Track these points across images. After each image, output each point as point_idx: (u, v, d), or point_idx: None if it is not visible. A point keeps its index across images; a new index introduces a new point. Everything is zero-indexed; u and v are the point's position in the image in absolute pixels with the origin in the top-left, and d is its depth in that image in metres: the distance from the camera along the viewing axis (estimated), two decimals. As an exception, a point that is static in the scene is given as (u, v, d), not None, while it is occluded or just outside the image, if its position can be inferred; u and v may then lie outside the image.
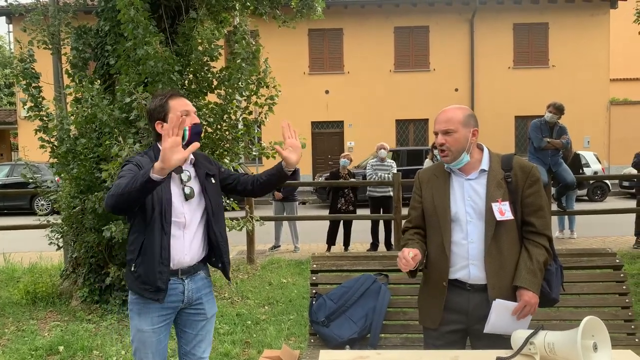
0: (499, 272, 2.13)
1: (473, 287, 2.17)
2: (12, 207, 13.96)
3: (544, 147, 7.05)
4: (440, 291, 2.21)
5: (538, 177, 2.19)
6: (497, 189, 2.15)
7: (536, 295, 2.09)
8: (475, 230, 2.15)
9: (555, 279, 2.19)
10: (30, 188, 5.97)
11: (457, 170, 2.23)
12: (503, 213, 2.11)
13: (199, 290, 2.35)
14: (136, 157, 2.25)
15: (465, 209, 2.18)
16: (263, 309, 5.24)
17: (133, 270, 2.21)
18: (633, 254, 7.26)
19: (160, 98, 2.24)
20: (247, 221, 6.27)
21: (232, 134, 5.52)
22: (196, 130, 2.23)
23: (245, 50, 5.24)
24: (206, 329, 2.42)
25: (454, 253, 2.19)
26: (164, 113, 2.20)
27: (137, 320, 2.26)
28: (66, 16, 5.88)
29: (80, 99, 5.15)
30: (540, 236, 2.15)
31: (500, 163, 2.20)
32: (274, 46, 13.02)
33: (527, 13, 19.45)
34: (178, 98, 2.25)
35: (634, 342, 2.79)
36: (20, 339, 4.48)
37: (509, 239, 2.14)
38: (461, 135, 2.16)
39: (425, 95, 18.94)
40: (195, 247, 2.29)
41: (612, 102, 19.98)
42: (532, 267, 2.10)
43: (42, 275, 6.17)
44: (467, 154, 2.18)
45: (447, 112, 2.21)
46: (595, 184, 14.36)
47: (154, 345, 2.26)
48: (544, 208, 2.17)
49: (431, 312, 2.26)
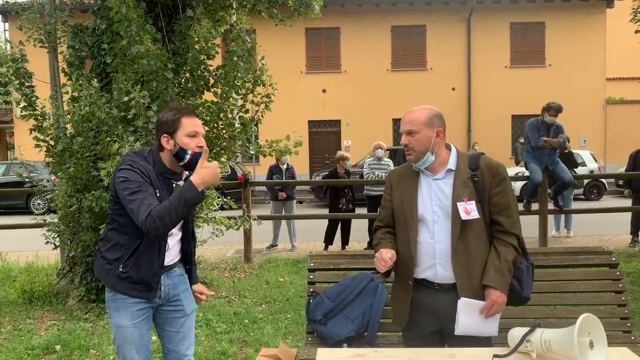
0: (467, 272, 2.13)
1: (441, 286, 2.18)
2: (8, 206, 13.93)
3: (541, 146, 7.06)
4: (407, 290, 2.24)
5: (504, 176, 2.19)
6: (464, 188, 2.15)
7: (503, 294, 2.10)
8: (442, 229, 2.16)
9: (526, 278, 2.19)
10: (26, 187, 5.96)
11: (425, 170, 2.24)
12: (469, 212, 2.11)
13: (176, 287, 2.37)
14: (137, 163, 2.18)
15: (432, 209, 2.19)
16: (260, 308, 5.24)
17: (121, 271, 2.21)
18: (629, 252, 7.29)
19: (174, 113, 2.22)
20: (245, 220, 6.27)
21: (229, 132, 5.51)
22: (197, 158, 2.18)
23: (240, 48, 5.24)
24: (187, 326, 2.43)
25: (420, 252, 2.20)
26: (175, 129, 2.19)
27: (116, 317, 2.27)
28: (62, 14, 5.86)
29: (77, 97, 5.14)
30: (509, 235, 2.15)
31: (467, 162, 2.21)
32: (271, 45, 13.01)
33: (524, 12, 19.49)
34: (191, 117, 2.23)
35: (630, 339, 2.80)
36: (17, 338, 4.47)
37: (476, 239, 2.14)
38: (424, 135, 2.18)
39: (422, 94, 18.94)
40: (176, 248, 2.37)
41: (608, 101, 20.05)
42: (500, 266, 2.11)
43: (39, 275, 6.15)
44: (431, 154, 2.19)
45: (412, 113, 2.23)
46: (592, 183, 14.40)
47: (136, 340, 2.27)
48: (511, 207, 2.17)
49: (399, 311, 2.29)
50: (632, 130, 19.02)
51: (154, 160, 2.23)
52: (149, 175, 2.16)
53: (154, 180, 2.17)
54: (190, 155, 2.18)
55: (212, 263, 7.33)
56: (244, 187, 7.52)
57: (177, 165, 2.24)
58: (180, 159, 2.19)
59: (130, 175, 2.12)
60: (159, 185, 2.19)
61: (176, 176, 2.27)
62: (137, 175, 2.12)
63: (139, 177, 2.12)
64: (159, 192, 2.16)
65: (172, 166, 2.24)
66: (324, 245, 8.11)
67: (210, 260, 7.51)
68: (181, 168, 2.25)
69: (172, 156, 2.21)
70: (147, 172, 2.16)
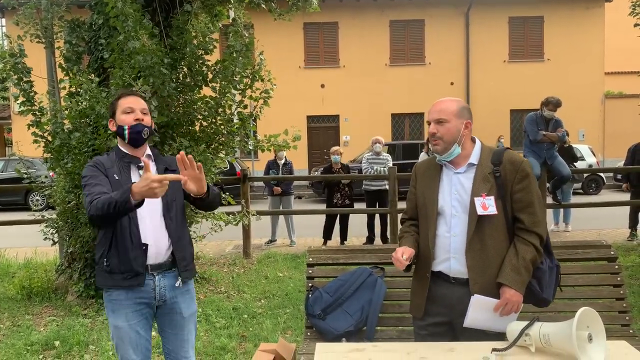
0: (481, 267, 2.11)
1: (456, 280, 2.17)
2: (6, 202, 13.90)
3: (540, 140, 7.06)
4: (425, 282, 2.24)
5: (528, 172, 2.14)
6: (484, 183, 2.13)
7: (518, 294, 2.07)
8: (459, 223, 2.15)
9: (547, 278, 2.15)
10: (24, 183, 5.94)
11: (448, 164, 2.23)
12: (486, 208, 2.08)
13: (173, 289, 2.33)
14: (96, 158, 2.34)
15: (451, 203, 2.18)
16: (259, 303, 5.25)
17: (105, 265, 2.22)
18: (627, 246, 7.30)
19: (115, 98, 2.39)
20: (244, 215, 6.27)
21: (228, 128, 5.50)
22: (136, 130, 2.27)
23: (239, 42, 5.22)
24: (187, 329, 2.41)
25: (437, 246, 2.20)
26: (114, 111, 2.34)
27: (113, 318, 2.28)
28: (59, 9, 5.82)
29: (75, 92, 5.12)
30: (530, 233, 2.11)
31: (490, 157, 2.18)
32: (269, 40, 12.96)
33: (523, 6, 19.43)
34: (127, 97, 2.35)
35: (628, 333, 2.81)
36: (16, 334, 4.47)
37: (494, 235, 2.11)
38: (453, 125, 2.16)
39: (420, 89, 18.93)
40: (161, 240, 2.26)
41: (606, 95, 20.03)
42: (517, 264, 2.07)
43: (38, 271, 6.15)
44: (458, 146, 2.17)
45: (441, 103, 2.22)
46: (590, 177, 14.41)
47: (133, 341, 2.26)
48: (534, 204, 2.12)
49: (416, 301, 2.30)
50: (630, 125, 19.02)
51: (115, 152, 2.36)
52: (102, 163, 2.27)
53: (109, 166, 2.27)
54: (128, 130, 2.27)
55: (211, 258, 7.34)
56: (243, 183, 7.51)
57: (130, 147, 2.32)
58: (123, 137, 2.30)
59: (87, 172, 2.25)
60: (118, 170, 2.27)
61: (135, 160, 2.32)
62: (90, 169, 2.26)
63: (92, 170, 2.25)
64: (117, 176, 2.25)
65: (127, 149, 2.33)
66: (323, 240, 8.12)
67: (209, 255, 7.51)
68: (137, 150, 2.33)
69: (121, 139, 2.33)
70: (102, 162, 2.29)
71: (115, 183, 2.22)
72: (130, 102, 2.31)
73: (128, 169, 2.30)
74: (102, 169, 2.25)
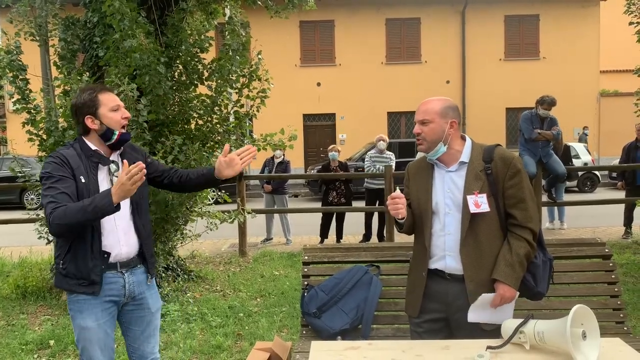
0: (476, 264, 2.13)
1: (452, 276, 2.19)
2: (1, 201, 13.83)
3: (535, 139, 7.08)
4: (421, 281, 2.26)
5: (519, 168, 2.15)
6: (475, 180, 2.14)
7: (512, 289, 2.09)
8: (453, 221, 2.17)
9: (541, 272, 2.17)
10: (19, 182, 5.90)
11: (439, 162, 2.24)
12: (478, 205, 2.10)
13: (141, 285, 2.32)
14: (58, 152, 2.18)
15: (444, 201, 2.19)
16: (255, 301, 5.24)
17: (62, 267, 2.16)
18: (622, 244, 7.34)
19: (90, 92, 2.23)
20: (239, 214, 6.26)
21: (224, 126, 5.49)
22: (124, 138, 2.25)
23: (235, 41, 5.20)
24: (153, 325, 2.39)
25: (433, 244, 2.22)
26: (96, 107, 2.19)
27: (80, 319, 2.21)
28: (53, 7, 5.80)
29: (69, 91, 5.09)
30: (522, 229, 2.13)
31: (481, 155, 2.19)
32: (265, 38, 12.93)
33: (518, 5, 19.46)
34: (107, 93, 2.25)
35: (622, 330, 2.82)
36: (11, 334, 4.45)
37: (488, 231, 2.13)
38: (437, 125, 2.17)
39: (416, 87, 18.92)
40: (131, 239, 2.26)
41: (602, 93, 20.09)
42: (511, 260, 2.10)
43: (32, 270, 6.11)
44: (443, 145, 2.18)
45: (426, 104, 2.23)
46: (585, 175, 14.47)
47: (101, 341, 2.22)
48: (525, 200, 2.13)
49: (412, 300, 2.31)
50: (625, 123, 19.05)
51: (80, 147, 2.21)
52: (68, 161, 2.12)
53: (76, 166, 2.13)
54: (117, 136, 2.20)
55: (207, 257, 7.32)
56: (238, 181, 7.50)
57: (105, 146, 2.23)
58: (108, 139, 2.20)
59: (50, 168, 2.10)
60: (85, 171, 2.14)
61: (103, 159, 2.22)
62: (56, 167, 2.10)
63: (58, 169, 2.10)
64: (84, 179, 2.12)
65: (100, 147, 2.23)
66: (319, 238, 8.11)
67: (205, 254, 7.49)
68: (109, 150, 2.24)
69: (99, 137, 2.21)
70: (68, 159, 2.13)
71: (82, 187, 2.10)
72: (115, 100, 2.25)
73: (95, 170, 2.19)
74: (69, 168, 2.11)
